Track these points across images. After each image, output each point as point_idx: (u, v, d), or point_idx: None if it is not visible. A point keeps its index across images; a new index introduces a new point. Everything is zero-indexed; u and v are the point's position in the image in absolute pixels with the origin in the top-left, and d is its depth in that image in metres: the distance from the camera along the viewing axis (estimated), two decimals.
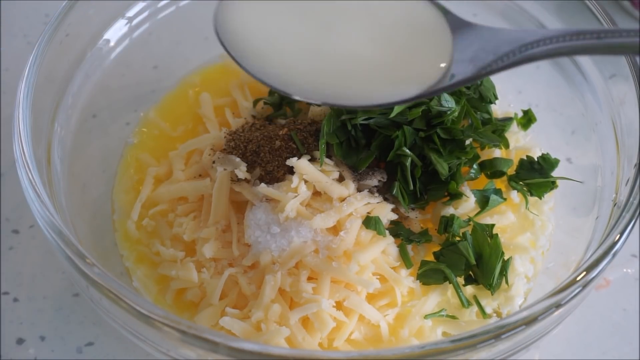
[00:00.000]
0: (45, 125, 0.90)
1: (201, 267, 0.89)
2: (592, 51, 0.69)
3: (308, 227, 0.86)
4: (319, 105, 0.95)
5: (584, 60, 0.99)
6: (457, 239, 0.89)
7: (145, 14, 1.06)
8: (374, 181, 0.91)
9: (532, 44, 0.69)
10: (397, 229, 0.90)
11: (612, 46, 0.66)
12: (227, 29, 0.77)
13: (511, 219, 0.94)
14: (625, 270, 1.01)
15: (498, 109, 1.04)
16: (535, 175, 0.95)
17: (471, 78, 0.72)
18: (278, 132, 0.93)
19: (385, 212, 0.89)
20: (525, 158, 0.97)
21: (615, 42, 0.66)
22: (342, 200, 0.88)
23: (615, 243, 0.78)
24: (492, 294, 0.88)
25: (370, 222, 0.87)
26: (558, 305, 0.74)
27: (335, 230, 0.88)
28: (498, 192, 0.94)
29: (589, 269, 0.76)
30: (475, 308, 0.88)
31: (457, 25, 0.76)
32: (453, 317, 0.88)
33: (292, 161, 0.88)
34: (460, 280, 0.88)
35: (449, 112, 0.89)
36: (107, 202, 0.98)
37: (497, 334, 0.71)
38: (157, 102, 1.07)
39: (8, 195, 1.05)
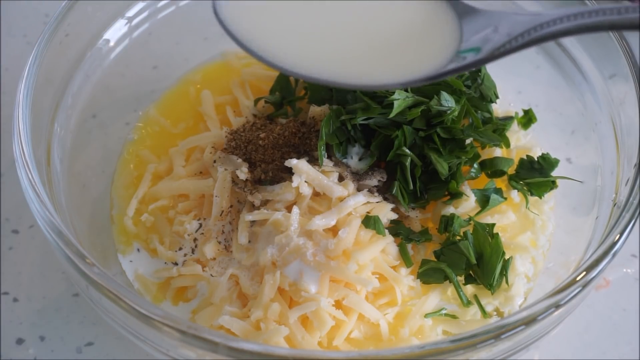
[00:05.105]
0: (45, 125, 0.90)
1: (202, 266, 0.89)
2: (611, 27, 0.67)
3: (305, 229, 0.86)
4: (320, 104, 0.95)
5: (584, 60, 0.99)
6: (458, 238, 0.89)
7: (145, 14, 1.06)
8: (373, 181, 0.91)
9: (547, 23, 0.68)
10: (397, 228, 0.90)
11: (633, 22, 0.65)
12: (229, 17, 0.77)
13: (512, 219, 0.94)
14: (625, 270, 1.01)
15: (499, 108, 1.04)
16: (536, 174, 0.95)
17: (484, 59, 0.72)
18: (279, 133, 0.93)
19: (385, 212, 0.89)
20: (525, 158, 0.96)
21: (635, 17, 0.64)
22: (342, 200, 0.88)
23: (615, 243, 0.78)
24: (492, 294, 0.88)
25: (369, 221, 0.87)
26: (558, 305, 0.74)
27: (334, 231, 0.88)
28: (498, 191, 0.94)
29: (589, 269, 0.76)
30: (475, 307, 0.88)
31: (464, 10, 0.76)
32: (453, 316, 0.87)
33: (291, 162, 0.88)
34: (461, 279, 0.88)
35: (448, 112, 0.89)
36: (106, 202, 0.98)
37: (497, 333, 0.71)
38: (157, 100, 1.07)
39: (8, 195, 1.05)
